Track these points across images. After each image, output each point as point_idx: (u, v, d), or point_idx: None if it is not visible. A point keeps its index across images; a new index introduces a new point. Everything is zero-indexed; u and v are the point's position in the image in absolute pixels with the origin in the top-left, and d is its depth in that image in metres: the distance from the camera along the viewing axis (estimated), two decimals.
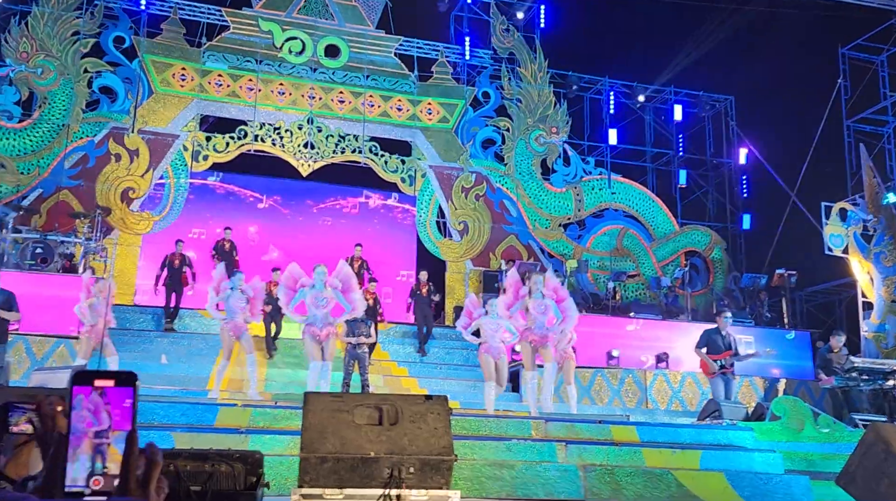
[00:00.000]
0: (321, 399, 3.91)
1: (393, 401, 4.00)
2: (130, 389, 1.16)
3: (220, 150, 15.54)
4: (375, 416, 3.93)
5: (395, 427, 3.93)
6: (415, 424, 3.97)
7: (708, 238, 17.93)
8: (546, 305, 8.86)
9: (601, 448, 7.33)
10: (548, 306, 8.86)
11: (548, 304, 8.87)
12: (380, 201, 17.05)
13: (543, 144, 17.34)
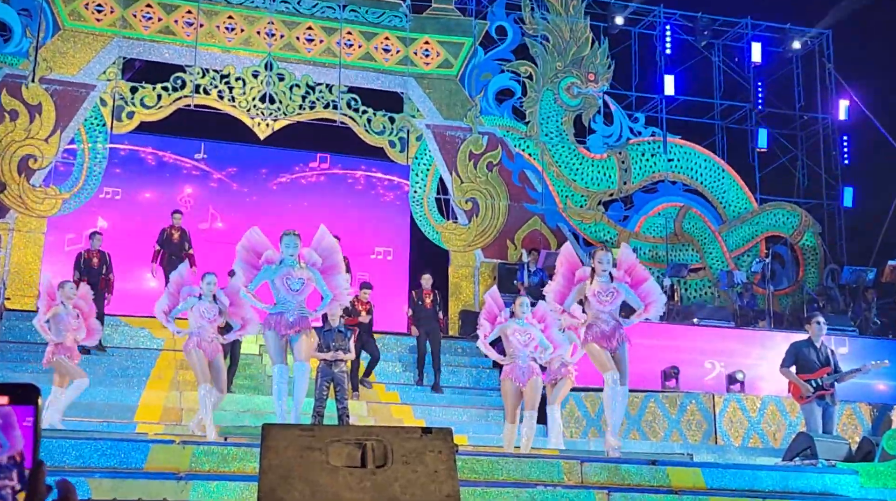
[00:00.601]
0: (285, 433, 3.88)
1: (380, 436, 3.97)
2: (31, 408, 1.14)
3: (150, 105, 15.52)
4: (357, 455, 3.90)
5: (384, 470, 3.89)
6: (409, 466, 3.93)
7: (797, 219, 17.88)
8: (615, 290, 8.20)
9: (655, 498, 7.31)
10: (617, 293, 8.17)
11: (617, 289, 8.19)
12: (362, 173, 17.02)
13: (577, 96, 17.30)
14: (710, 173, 17.86)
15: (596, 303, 8.15)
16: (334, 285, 8.26)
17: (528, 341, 8.98)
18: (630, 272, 8.28)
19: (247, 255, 8.32)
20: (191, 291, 9.15)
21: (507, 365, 9.07)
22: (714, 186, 17.84)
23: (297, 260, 8.17)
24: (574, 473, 7.71)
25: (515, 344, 8.98)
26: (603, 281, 8.15)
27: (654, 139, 17.68)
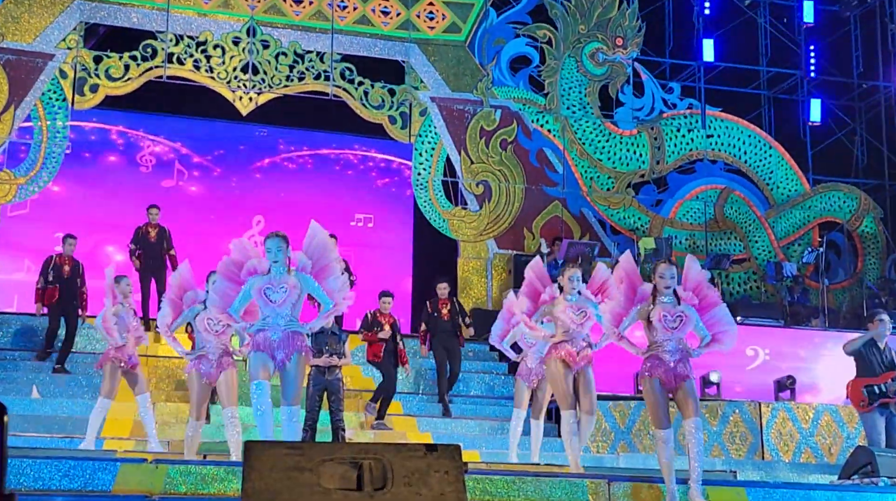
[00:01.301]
0: (271, 452, 3.90)
1: (379, 454, 3.98)
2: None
3: (117, 77, 15.52)
4: (352, 476, 3.91)
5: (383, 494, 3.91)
6: (411, 488, 3.95)
7: (855, 203, 17.82)
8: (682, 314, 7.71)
9: None
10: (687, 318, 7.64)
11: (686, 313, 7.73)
12: (358, 153, 17.01)
13: (603, 64, 17.25)
14: (756, 151, 17.80)
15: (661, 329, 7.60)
16: (329, 290, 7.57)
17: (585, 319, 8.48)
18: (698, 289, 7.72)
19: (227, 268, 7.69)
20: (196, 296, 8.40)
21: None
22: (760, 165, 17.78)
23: (286, 265, 7.47)
24: (601, 493, 7.71)
25: (569, 324, 8.46)
26: (667, 301, 7.56)
27: (691, 112, 17.62)
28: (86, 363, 12.67)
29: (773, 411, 12.81)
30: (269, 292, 7.36)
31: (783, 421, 12.78)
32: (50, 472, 7.02)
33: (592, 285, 8.71)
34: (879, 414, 9.64)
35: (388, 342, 11.50)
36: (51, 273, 12.44)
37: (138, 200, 15.60)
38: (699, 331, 7.68)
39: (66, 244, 12.74)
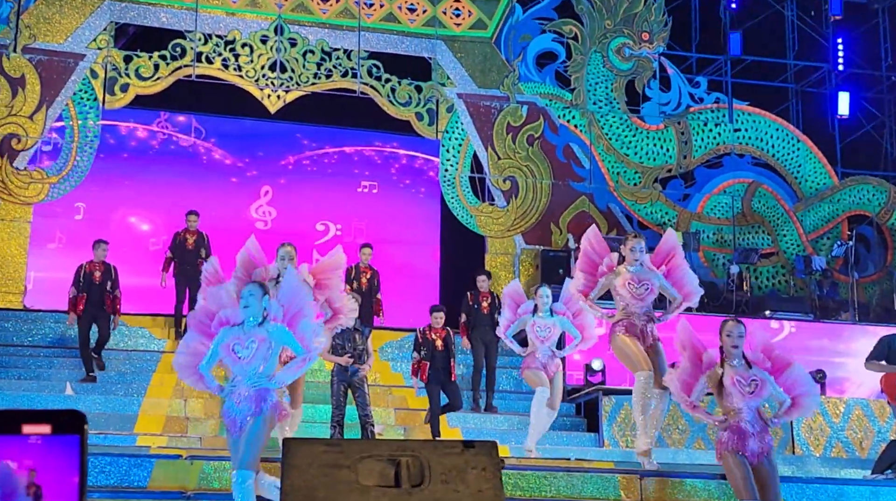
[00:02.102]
0: (309, 449, 3.91)
1: (416, 451, 3.98)
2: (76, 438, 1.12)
3: (147, 76, 15.59)
4: (390, 473, 3.92)
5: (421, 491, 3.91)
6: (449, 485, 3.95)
7: (884, 196, 17.65)
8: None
9: None
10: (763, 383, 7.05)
11: None
12: (384, 150, 17.02)
13: (630, 59, 17.17)
14: (784, 145, 17.68)
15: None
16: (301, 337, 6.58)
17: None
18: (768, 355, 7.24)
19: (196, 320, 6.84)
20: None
21: (528, 358, 9.55)
22: (788, 159, 17.66)
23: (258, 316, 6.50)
24: (632, 489, 7.71)
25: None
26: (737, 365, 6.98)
27: (718, 107, 17.52)
28: (118, 360, 12.77)
29: None
30: (237, 347, 6.43)
31: (814, 416, 12.69)
32: None
33: (658, 254, 8.48)
34: None
35: (435, 359, 10.83)
36: (81, 281, 12.18)
37: (168, 198, 15.72)
38: (777, 395, 6.99)
39: (98, 249, 12.47)
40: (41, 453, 1.12)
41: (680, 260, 8.44)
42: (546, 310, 9.52)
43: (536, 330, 9.52)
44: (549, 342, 9.51)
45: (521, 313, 9.60)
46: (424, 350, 10.88)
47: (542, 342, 9.50)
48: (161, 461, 7.29)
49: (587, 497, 7.59)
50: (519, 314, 9.62)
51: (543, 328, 9.52)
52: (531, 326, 9.55)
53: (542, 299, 9.54)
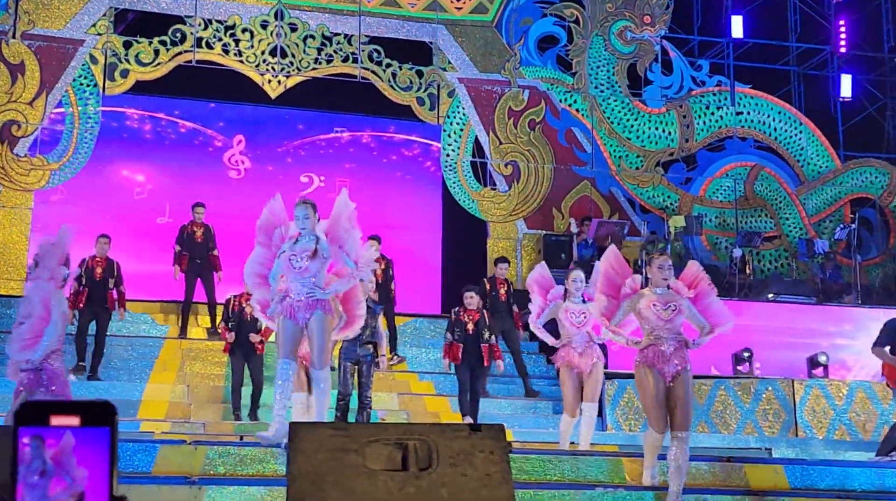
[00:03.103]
0: (316, 433, 3.88)
1: (423, 434, 3.95)
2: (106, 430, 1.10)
3: (147, 62, 15.54)
4: (398, 457, 3.89)
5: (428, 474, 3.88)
6: (457, 469, 3.92)
7: (887, 178, 17.63)
8: None
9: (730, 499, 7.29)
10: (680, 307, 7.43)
11: None
12: (385, 135, 16.97)
13: (631, 42, 17.12)
14: (786, 128, 17.65)
15: None
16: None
17: (584, 321, 8.80)
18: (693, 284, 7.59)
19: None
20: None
21: (562, 350, 8.90)
22: (790, 142, 17.63)
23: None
24: (637, 472, 7.70)
25: (568, 326, 8.87)
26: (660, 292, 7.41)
27: (720, 90, 17.47)
28: (120, 346, 12.75)
29: (807, 388, 12.74)
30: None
31: (816, 398, 12.71)
32: None
33: (684, 280, 7.70)
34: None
35: (467, 341, 10.67)
36: (83, 277, 11.88)
37: (169, 184, 15.71)
38: (696, 320, 7.42)
39: (100, 244, 12.19)
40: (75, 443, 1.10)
41: (706, 286, 7.64)
42: (579, 295, 8.91)
43: (571, 316, 8.90)
44: (585, 328, 8.86)
45: (551, 298, 9.00)
46: (458, 332, 10.73)
47: (579, 328, 8.87)
48: (165, 446, 7.29)
49: (592, 480, 7.58)
50: (549, 300, 9.01)
51: (578, 314, 8.90)
52: (564, 312, 8.94)
53: (575, 284, 8.94)
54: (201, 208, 13.43)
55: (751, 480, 7.67)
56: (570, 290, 8.93)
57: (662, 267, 7.42)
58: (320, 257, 7.40)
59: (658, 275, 7.41)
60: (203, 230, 13.29)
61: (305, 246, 7.41)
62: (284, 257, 7.42)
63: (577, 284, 8.92)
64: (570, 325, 8.88)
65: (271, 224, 7.65)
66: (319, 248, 7.39)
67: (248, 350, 10.87)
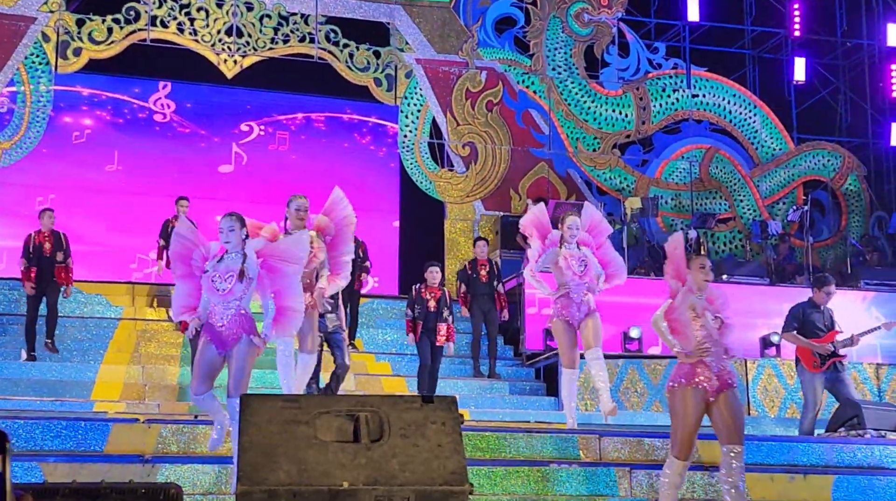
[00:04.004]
0: (267, 405, 3.88)
1: (375, 406, 3.97)
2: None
3: (100, 40, 15.36)
4: (349, 429, 3.91)
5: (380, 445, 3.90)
6: (408, 440, 3.94)
7: (838, 161, 17.83)
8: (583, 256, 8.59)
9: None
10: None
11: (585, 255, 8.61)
12: (343, 116, 16.89)
13: (589, 24, 17.15)
14: (741, 110, 17.77)
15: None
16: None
17: (584, 271, 8.45)
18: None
19: None
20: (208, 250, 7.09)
21: (559, 301, 8.48)
22: (745, 124, 17.76)
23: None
24: (591, 449, 7.76)
25: (570, 275, 8.44)
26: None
27: (676, 72, 17.55)
28: (74, 327, 12.63)
29: (759, 368, 12.88)
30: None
31: (768, 378, 12.85)
32: (42, 434, 7.01)
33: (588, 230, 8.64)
34: (828, 374, 9.67)
35: (428, 319, 10.61)
36: (31, 253, 11.67)
37: (123, 163, 15.56)
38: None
39: (45, 218, 11.91)
40: None
41: (604, 239, 8.76)
42: (574, 242, 8.48)
43: (572, 263, 8.44)
44: (587, 277, 8.45)
45: (549, 243, 8.52)
46: (418, 309, 10.64)
47: (581, 277, 8.42)
48: (118, 425, 7.24)
49: (547, 457, 7.62)
50: (547, 245, 8.53)
51: (578, 262, 8.46)
52: (564, 258, 8.46)
53: (570, 230, 8.47)
54: (185, 202, 13.02)
55: (703, 455, 7.73)
56: (566, 237, 8.46)
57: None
58: (247, 278, 6.61)
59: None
60: None
61: (230, 266, 6.61)
62: (206, 278, 6.64)
63: (572, 230, 8.46)
64: (571, 273, 8.43)
65: (186, 250, 6.76)
66: (246, 267, 6.60)
67: None
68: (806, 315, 9.75)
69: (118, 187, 15.56)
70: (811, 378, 9.65)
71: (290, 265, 6.70)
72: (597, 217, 8.84)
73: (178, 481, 6.28)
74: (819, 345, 9.51)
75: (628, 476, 7.34)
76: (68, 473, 6.27)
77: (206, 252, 6.70)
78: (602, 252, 8.65)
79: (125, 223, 15.29)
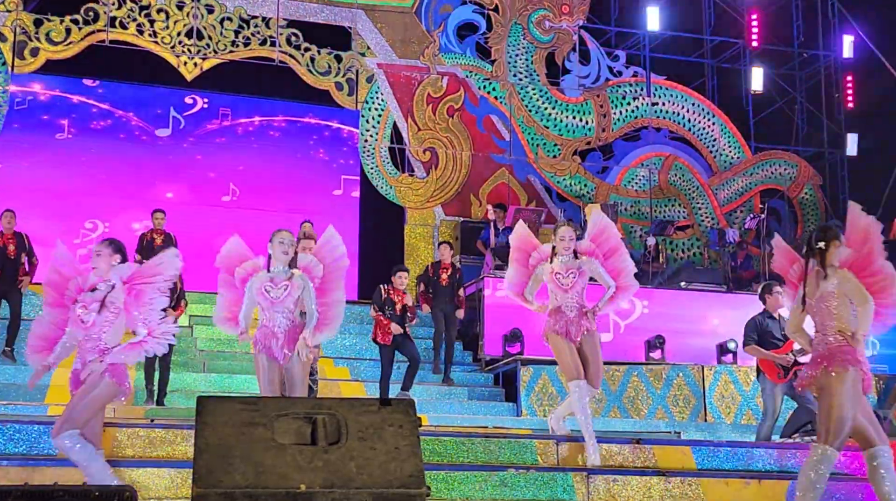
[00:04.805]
0: (224, 407, 3.86)
1: (333, 409, 3.96)
2: None
3: (58, 41, 15.23)
4: (307, 431, 3.89)
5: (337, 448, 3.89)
6: (366, 442, 3.94)
7: (795, 170, 18.04)
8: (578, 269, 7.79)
9: (640, 480, 7.39)
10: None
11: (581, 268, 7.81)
12: (303, 119, 16.83)
13: (550, 31, 17.23)
14: (700, 119, 17.94)
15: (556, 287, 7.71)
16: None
17: (573, 283, 7.72)
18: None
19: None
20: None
21: (552, 316, 7.76)
22: (703, 133, 17.92)
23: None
24: (549, 454, 7.76)
25: (556, 291, 7.77)
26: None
27: (636, 80, 17.69)
28: (28, 331, 12.41)
29: (716, 374, 12.97)
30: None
31: (725, 384, 12.95)
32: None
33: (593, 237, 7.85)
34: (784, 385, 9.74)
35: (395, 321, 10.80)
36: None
37: (80, 165, 15.41)
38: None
39: (5, 219, 11.73)
40: None
41: (616, 243, 7.86)
42: (569, 253, 7.72)
43: (558, 278, 7.72)
44: (574, 291, 7.69)
45: (534, 261, 7.85)
46: (388, 310, 10.78)
47: (566, 291, 7.67)
48: None
49: (504, 462, 7.62)
50: (531, 265, 7.86)
51: (567, 273, 7.71)
52: (550, 275, 7.76)
53: (563, 242, 7.74)
54: (161, 214, 12.88)
55: (659, 461, 7.78)
56: (559, 249, 7.74)
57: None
58: (110, 310, 6.17)
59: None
60: (163, 237, 12.58)
61: (95, 296, 6.20)
62: (73, 311, 6.23)
63: (565, 241, 7.73)
64: (556, 288, 7.73)
65: (62, 278, 6.35)
66: (109, 299, 6.15)
67: None
68: (762, 327, 9.82)
69: (74, 189, 15.39)
70: (772, 388, 9.73)
71: (155, 287, 6.22)
72: (601, 223, 7.95)
73: (133, 484, 6.22)
74: (780, 356, 9.58)
75: (586, 481, 7.36)
76: (21, 476, 6.18)
77: (82, 282, 6.30)
78: (611, 262, 7.80)
79: (81, 226, 15.17)
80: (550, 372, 12.22)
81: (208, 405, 3.87)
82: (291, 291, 6.99)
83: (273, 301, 6.98)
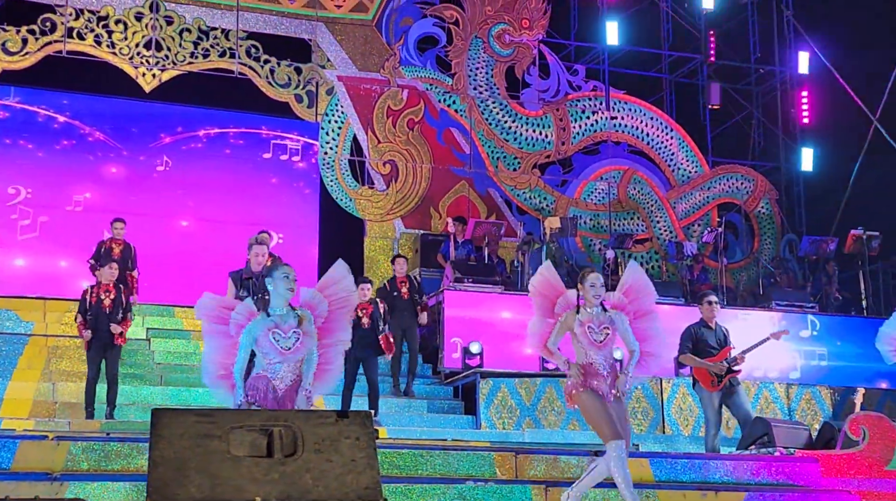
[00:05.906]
0: (179, 420, 3.84)
1: (288, 420, 3.95)
2: None
3: (14, 51, 15.10)
4: (262, 443, 3.88)
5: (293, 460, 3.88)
6: (322, 455, 3.93)
7: (751, 185, 18.23)
8: None
9: (598, 492, 7.42)
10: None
11: None
12: (262, 132, 16.77)
13: (510, 45, 17.31)
14: (658, 133, 18.08)
15: None
16: None
17: (607, 339, 6.81)
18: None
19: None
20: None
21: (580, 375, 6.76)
22: (662, 147, 18.06)
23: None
24: (507, 467, 7.79)
25: (588, 346, 6.79)
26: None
27: (595, 95, 17.80)
28: None
29: (674, 387, 13.06)
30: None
31: (683, 397, 13.03)
32: None
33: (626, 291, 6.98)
34: (719, 393, 9.85)
35: (364, 334, 10.58)
36: None
37: (37, 177, 15.27)
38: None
39: None
40: None
41: (652, 306, 7.06)
42: (597, 302, 6.80)
43: (590, 333, 6.75)
44: (607, 348, 6.80)
45: (559, 312, 6.90)
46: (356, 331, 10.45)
47: (599, 348, 6.74)
48: (26, 442, 7.09)
49: (463, 474, 7.64)
50: (557, 312, 6.91)
51: (599, 329, 6.78)
52: (580, 327, 6.77)
53: (593, 289, 6.78)
54: (120, 224, 12.47)
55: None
56: (587, 298, 6.80)
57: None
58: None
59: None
60: (122, 248, 12.25)
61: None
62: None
63: (595, 289, 6.79)
64: (587, 344, 6.77)
65: None
66: None
67: (108, 341, 10.43)
68: (698, 335, 9.93)
69: (31, 201, 15.23)
70: (709, 397, 9.83)
71: None
72: (638, 279, 7.08)
73: (88, 498, 6.17)
74: (713, 364, 9.70)
75: (544, 493, 7.38)
76: None
77: None
78: (642, 323, 6.96)
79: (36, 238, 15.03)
80: (510, 385, 12.25)
81: (163, 418, 3.85)
82: (304, 341, 6.21)
83: (283, 352, 6.13)
